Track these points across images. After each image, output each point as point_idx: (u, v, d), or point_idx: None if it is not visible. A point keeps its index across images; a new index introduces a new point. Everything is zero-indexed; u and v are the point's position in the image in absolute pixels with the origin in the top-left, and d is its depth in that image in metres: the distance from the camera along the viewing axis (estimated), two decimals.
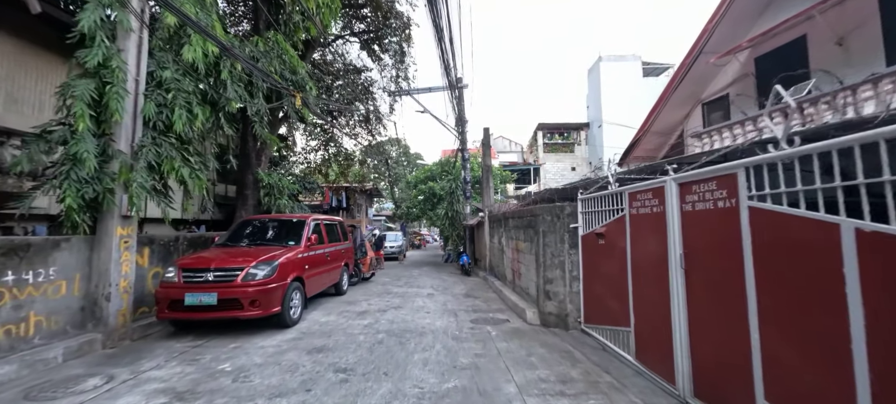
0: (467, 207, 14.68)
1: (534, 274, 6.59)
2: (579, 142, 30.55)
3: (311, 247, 6.92)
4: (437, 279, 12.20)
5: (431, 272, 14.48)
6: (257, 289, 5.36)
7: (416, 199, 18.66)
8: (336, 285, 8.65)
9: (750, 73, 8.03)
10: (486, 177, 11.58)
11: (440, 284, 10.90)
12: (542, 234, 6.05)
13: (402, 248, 21.16)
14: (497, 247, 10.18)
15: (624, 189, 4.45)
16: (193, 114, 6.11)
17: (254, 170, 9.09)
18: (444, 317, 6.66)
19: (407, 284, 10.97)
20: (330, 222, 8.65)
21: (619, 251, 4.56)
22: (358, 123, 16.06)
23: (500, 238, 9.59)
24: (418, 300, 8.34)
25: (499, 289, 8.88)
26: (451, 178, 15.66)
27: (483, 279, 11.61)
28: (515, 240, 7.94)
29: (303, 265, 6.48)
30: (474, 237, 14.76)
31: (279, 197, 9.42)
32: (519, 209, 7.69)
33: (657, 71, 28.60)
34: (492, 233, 10.98)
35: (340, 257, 8.76)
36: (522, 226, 7.37)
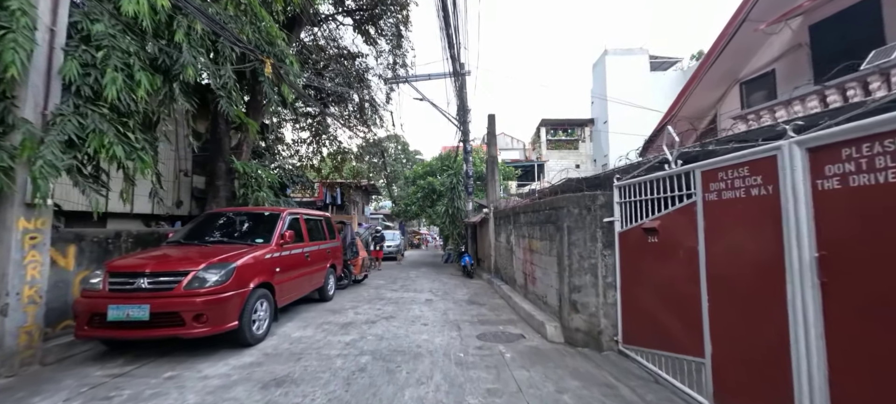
0: (469, 204, 13.44)
1: (554, 279, 5.36)
2: (584, 139, 29.35)
3: (286, 247, 5.68)
4: (436, 281, 10.96)
5: (430, 273, 13.24)
6: (206, 299, 4.11)
7: (415, 196, 17.41)
8: (320, 290, 7.42)
9: (802, 44, 6.80)
10: (491, 169, 10.35)
11: (440, 288, 9.67)
12: (567, 231, 4.82)
13: (400, 248, 19.91)
14: (504, 247, 8.95)
15: (694, 167, 3.22)
16: (135, 80, 4.87)
17: (227, 157, 7.84)
18: (445, 331, 5.43)
19: (403, 288, 9.73)
20: (312, 217, 7.41)
21: (684, 251, 3.32)
22: (352, 113, 14.84)
23: (508, 236, 8.37)
24: (415, 308, 7.10)
25: (507, 294, 7.64)
26: (452, 173, 14.42)
27: (487, 282, 10.37)
28: (528, 238, 6.71)
29: (272, 268, 5.25)
30: (477, 236, 13.53)
31: (257, 189, 8.18)
32: (533, 202, 6.47)
33: (665, 65, 27.38)
34: (498, 231, 9.75)
35: (325, 258, 7.52)
36: (538, 222, 6.14)
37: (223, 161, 7.79)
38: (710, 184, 3.03)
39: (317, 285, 7.16)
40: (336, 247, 8.34)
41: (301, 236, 6.53)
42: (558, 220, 5.15)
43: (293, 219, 6.35)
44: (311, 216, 7.35)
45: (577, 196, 4.83)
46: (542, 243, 5.93)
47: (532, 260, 6.50)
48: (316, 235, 7.35)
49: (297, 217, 6.56)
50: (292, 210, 6.53)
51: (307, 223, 6.92)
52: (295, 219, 6.44)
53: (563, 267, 4.88)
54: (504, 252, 8.92)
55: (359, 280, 10.41)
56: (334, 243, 8.27)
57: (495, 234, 9.95)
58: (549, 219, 5.58)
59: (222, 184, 7.78)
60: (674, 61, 27.34)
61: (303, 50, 12.08)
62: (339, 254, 8.54)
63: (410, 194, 18.08)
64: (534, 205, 6.39)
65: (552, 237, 5.46)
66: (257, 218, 5.95)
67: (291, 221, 6.23)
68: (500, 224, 9.35)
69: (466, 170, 13.28)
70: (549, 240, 5.64)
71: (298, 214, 6.67)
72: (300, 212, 6.80)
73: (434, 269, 14.74)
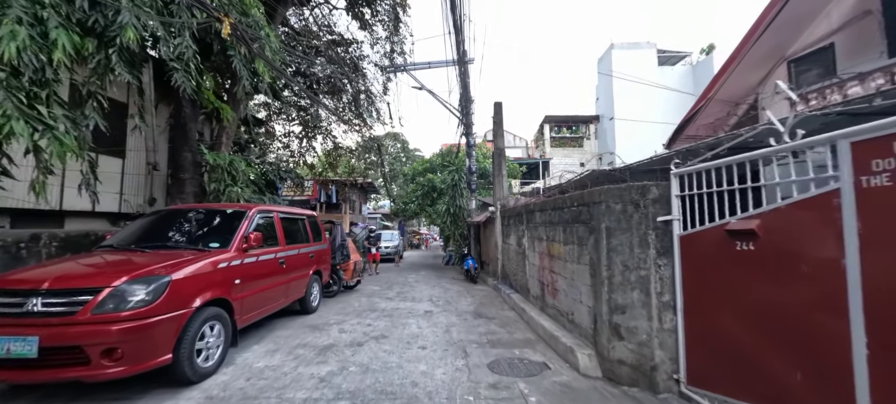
0: (473, 202, 12.30)
1: (585, 294, 4.22)
2: (588, 136, 28.23)
3: (251, 252, 4.55)
4: (436, 287, 9.83)
5: (430, 277, 12.11)
6: (123, 327, 2.97)
7: (414, 194, 16.27)
8: (301, 301, 6.29)
9: (871, 11, 5.67)
10: (498, 163, 9.23)
11: (441, 296, 8.54)
12: (605, 233, 3.68)
13: (398, 249, 18.77)
14: (514, 251, 7.81)
15: (837, 136, 2.08)
16: (50, 40, 3.75)
17: (194, 147, 6.70)
18: (448, 358, 4.29)
19: (399, 295, 8.59)
20: (292, 216, 6.27)
21: (812, 265, 2.19)
22: (347, 106, 13.70)
23: (519, 239, 7.23)
24: (411, 323, 5.96)
25: (518, 306, 6.51)
26: (454, 169, 13.28)
27: (493, 289, 9.23)
28: (547, 241, 5.57)
29: (230, 279, 4.11)
30: (480, 236, 12.39)
31: (231, 184, 7.06)
32: (553, 199, 5.33)
33: (674, 59, 26.26)
34: (506, 232, 8.61)
35: (307, 263, 6.39)
36: (561, 223, 5.00)
37: (190, 150, 6.65)
38: (873, 162, 1.90)
39: (296, 296, 6.02)
40: (322, 250, 7.20)
41: (275, 238, 5.40)
42: (591, 220, 4.01)
43: (264, 219, 5.21)
44: (289, 214, 6.22)
45: (618, 188, 3.69)
46: (566, 248, 4.79)
47: (552, 267, 5.36)
48: (296, 237, 6.22)
49: (270, 215, 5.42)
50: (263, 207, 5.38)
51: (284, 223, 5.78)
52: (267, 219, 5.30)
53: (600, 279, 3.74)
54: (514, 256, 7.78)
55: (350, 286, 9.28)
56: (320, 246, 7.13)
57: (503, 236, 8.82)
58: (578, 218, 4.44)
59: (189, 178, 6.64)
60: (682, 55, 26.22)
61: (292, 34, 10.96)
62: (325, 258, 7.41)
63: (409, 192, 16.94)
64: (554, 202, 5.26)
65: (582, 241, 4.32)
66: (217, 216, 4.80)
67: (261, 221, 5.09)
68: (509, 224, 8.22)
69: (469, 166, 12.14)
70: (576, 245, 4.50)
71: (272, 212, 5.53)
72: (275, 210, 5.66)
73: (434, 272, 13.60)
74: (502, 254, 8.91)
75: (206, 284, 3.73)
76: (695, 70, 25.44)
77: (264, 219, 5.22)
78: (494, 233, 9.54)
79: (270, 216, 5.43)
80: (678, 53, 25.99)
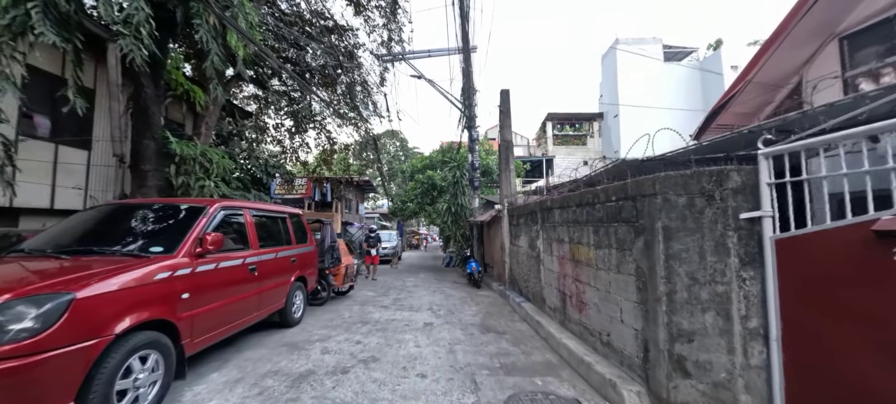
0: (476, 200, 11.38)
1: (630, 311, 3.30)
2: (592, 135, 27.34)
3: (208, 257, 3.62)
4: (437, 293, 8.90)
5: (430, 280, 11.18)
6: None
7: (413, 192, 15.34)
8: (281, 312, 5.36)
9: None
10: (505, 157, 8.31)
11: (442, 303, 7.61)
12: (663, 235, 2.77)
13: (396, 250, 17.82)
14: (525, 254, 6.89)
15: None
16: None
17: (157, 133, 5.76)
18: (455, 393, 3.36)
19: (396, 303, 7.66)
20: (268, 214, 5.34)
21: None
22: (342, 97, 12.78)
23: (532, 240, 6.31)
24: (408, 340, 5.03)
25: (532, 318, 5.59)
26: (455, 166, 12.36)
27: (500, 295, 8.32)
28: (571, 243, 4.64)
29: (175, 293, 3.18)
30: (484, 237, 11.47)
31: (204, 178, 6.13)
32: (580, 194, 4.39)
33: (680, 55, 25.40)
34: (515, 232, 7.69)
35: (288, 269, 5.46)
36: (591, 221, 4.08)
37: (152, 138, 5.71)
38: None
39: (274, 307, 5.09)
40: (307, 253, 6.27)
41: (245, 240, 4.47)
42: (638, 217, 3.10)
43: (231, 217, 4.28)
44: (266, 212, 5.28)
45: (682, 175, 2.77)
46: (600, 252, 3.87)
47: (577, 275, 4.44)
48: (275, 239, 5.29)
49: (238, 213, 4.48)
50: (229, 202, 4.44)
51: (258, 222, 4.85)
52: (234, 217, 4.37)
53: (656, 295, 2.82)
54: (525, 260, 6.86)
55: (342, 292, 8.35)
56: (305, 248, 6.20)
57: (511, 237, 7.90)
58: (617, 215, 3.52)
59: (151, 171, 5.70)
60: (689, 51, 25.37)
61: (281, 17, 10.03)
62: (312, 262, 6.48)
63: (408, 190, 16.00)
64: (581, 198, 4.32)
65: (623, 244, 3.40)
66: (167, 214, 3.86)
67: (227, 219, 4.16)
68: (518, 224, 7.30)
69: (472, 162, 11.22)
70: (614, 249, 3.58)
71: (242, 209, 4.59)
72: (246, 206, 4.72)
73: (434, 275, 12.68)
74: (510, 257, 7.99)
75: (136, 301, 2.80)
76: (702, 66, 24.59)
77: (230, 218, 4.29)
78: (500, 233, 8.62)
79: (239, 214, 4.50)
80: (685, 49, 25.16)
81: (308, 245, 6.40)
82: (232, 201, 4.68)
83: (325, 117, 13.81)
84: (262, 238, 4.90)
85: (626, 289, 3.33)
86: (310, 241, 6.51)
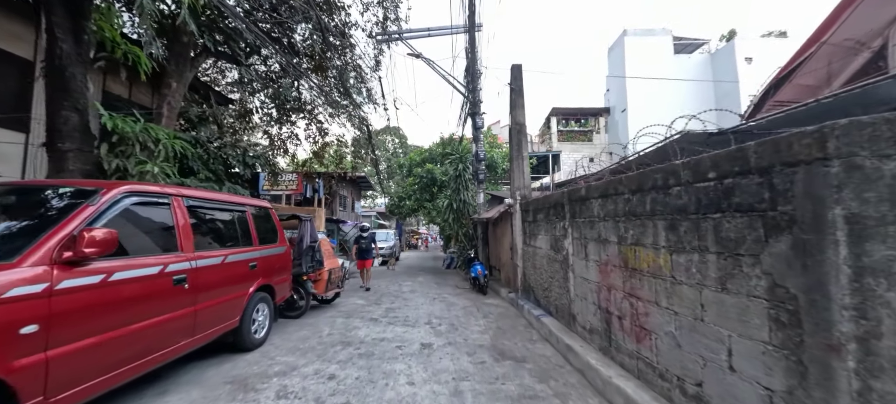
0: (480, 196, 10.09)
1: (753, 357, 1.99)
2: (598, 130, 26.09)
3: (87, 266, 2.34)
4: (437, 300, 7.61)
5: (429, 284, 9.90)
6: None
7: (411, 188, 14.04)
8: (236, 332, 4.08)
9: None
10: (517, 142, 7.00)
11: (443, 314, 6.32)
12: (846, 230, 1.48)
13: (393, 250, 16.52)
14: (545, 257, 5.61)
15: None
16: None
17: (80, 103, 4.43)
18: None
19: (388, 314, 6.37)
20: (214, 206, 4.03)
21: None
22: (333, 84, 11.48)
23: (557, 240, 5.03)
24: (399, 373, 3.73)
25: (559, 339, 4.32)
26: (457, 158, 11.05)
27: (511, 303, 7.04)
28: (625, 244, 3.33)
29: (10, 328, 1.90)
30: (489, 237, 10.18)
31: (141, 162, 4.85)
32: (639, 174, 3.07)
33: (691, 47, 24.13)
34: (530, 231, 6.41)
35: (244, 277, 4.17)
36: (664, 212, 2.75)
37: (75, 109, 4.38)
38: None
39: (220, 328, 3.80)
40: (276, 256, 4.98)
41: (172, 240, 3.19)
42: (780, 200, 1.81)
43: (139, 207, 2.98)
44: (210, 203, 3.98)
45: (886, 119, 1.49)
46: (683, 258, 2.56)
47: (634, 289, 3.14)
48: (224, 238, 4.02)
49: (158, 202, 3.18)
50: (140, 187, 3.11)
51: (196, 215, 3.57)
52: (148, 207, 3.07)
53: (831, 338, 1.53)
54: (544, 264, 5.58)
55: (327, 299, 7.06)
56: (272, 250, 4.91)
57: (526, 236, 6.61)
58: (725, 200, 2.22)
59: (73, 151, 4.36)
60: (700, 43, 24.11)
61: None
62: (282, 266, 5.18)
63: (407, 186, 14.70)
64: (642, 180, 3.01)
65: (738, 245, 2.11)
66: (32, 202, 2.58)
67: (131, 211, 2.87)
68: (535, 220, 6.00)
69: (476, 152, 9.93)
70: (715, 253, 2.29)
71: (166, 196, 3.29)
72: (172, 193, 3.40)
73: (434, 278, 11.39)
74: (524, 259, 6.70)
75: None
76: (714, 58, 23.32)
77: (144, 209, 3.01)
78: (511, 232, 7.35)
79: (162, 203, 3.21)
80: (695, 41, 23.90)
81: (278, 246, 5.12)
82: (151, 185, 3.38)
83: (315, 106, 12.52)
84: (203, 237, 3.62)
85: (743, 319, 2.04)
86: (280, 241, 5.22)
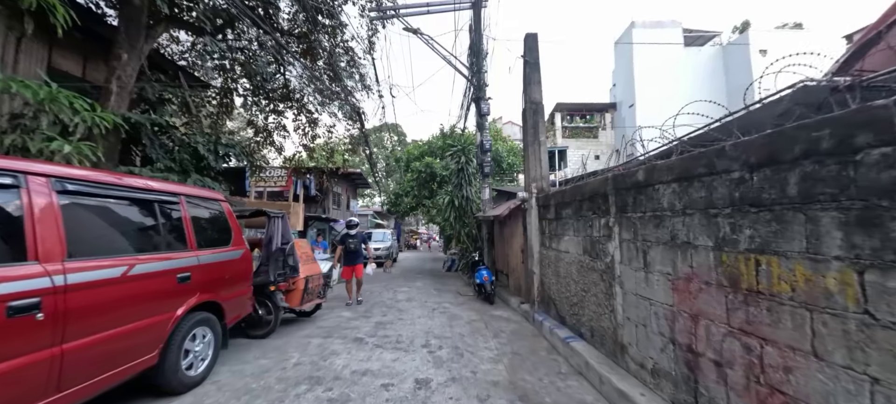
0: (486, 191, 8.88)
1: None
2: (603, 127, 24.96)
3: None
4: (437, 312, 6.40)
5: (428, 290, 8.69)
6: None
7: (409, 184, 12.82)
8: (157, 369, 2.87)
9: None
10: (533, 123, 5.77)
11: (444, 332, 5.10)
12: None
13: (390, 252, 15.28)
14: (573, 263, 4.40)
15: None
16: None
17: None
18: None
19: (377, 333, 5.15)
20: (121, 191, 2.81)
21: None
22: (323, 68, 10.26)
23: (595, 242, 3.83)
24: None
25: (604, 377, 3.11)
26: (459, 149, 9.84)
27: (524, 316, 5.83)
28: (738, 253, 2.13)
29: None
30: (496, 237, 8.97)
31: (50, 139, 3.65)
32: (770, 134, 1.92)
33: (701, 40, 22.93)
34: (551, 230, 5.20)
35: (166, 294, 2.94)
36: (854, 196, 1.57)
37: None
38: None
39: (125, 370, 2.58)
40: (227, 263, 3.76)
41: (19, 244, 1.98)
42: None
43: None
44: (108, 186, 2.75)
45: None
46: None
47: (758, 326, 1.93)
48: (140, 238, 2.80)
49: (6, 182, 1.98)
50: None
51: (80, 206, 2.36)
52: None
53: None
54: (572, 272, 4.36)
55: (306, 312, 5.85)
56: (223, 255, 3.70)
57: (545, 237, 5.40)
58: None
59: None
60: (711, 35, 22.91)
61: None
62: (237, 276, 3.96)
63: (405, 182, 13.47)
64: (778, 143, 1.82)
65: None
66: None
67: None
68: (560, 218, 4.79)
69: (481, 142, 8.71)
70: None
71: (16, 174, 2.08)
72: (26, 170, 2.17)
73: (434, 283, 10.17)
74: (542, 265, 5.49)
75: None
76: (726, 51, 22.14)
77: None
78: (523, 232, 6.14)
79: (8, 185, 2.00)
80: (707, 33, 22.72)
81: (231, 249, 3.90)
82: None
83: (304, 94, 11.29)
84: (90, 238, 2.41)
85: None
86: (235, 244, 4.00)
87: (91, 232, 2.48)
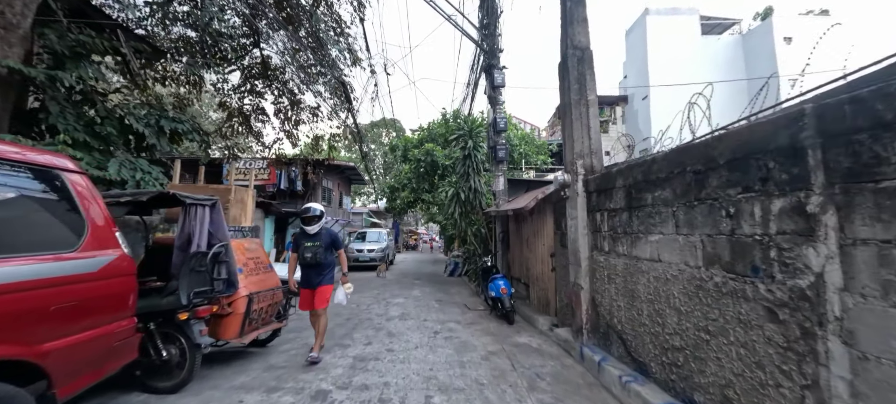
0: (501, 180, 7.11)
1: None
2: (614, 120, 23.28)
3: None
4: (440, 339, 4.63)
5: (428, 303, 6.92)
6: None
7: (407, 175, 11.05)
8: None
9: None
10: (578, 77, 3.96)
11: (452, 380, 3.32)
12: None
13: (385, 255, 13.49)
14: (669, 280, 2.64)
15: None
16: None
17: None
18: None
19: (352, 379, 3.37)
20: None
21: None
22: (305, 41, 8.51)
23: (748, 250, 2.09)
24: None
25: None
26: (465, 133, 8.07)
27: (564, 349, 4.05)
28: None
29: None
30: (511, 237, 7.19)
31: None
32: None
33: (720, 28, 21.22)
34: (614, 229, 3.43)
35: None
36: None
37: None
38: None
39: None
40: (67, 279, 2.00)
41: None
42: None
43: None
44: None
45: None
46: None
47: None
48: None
49: None
50: None
51: None
52: None
53: None
54: (671, 292, 2.60)
55: (263, 339, 4.07)
56: (48, 266, 1.94)
57: (600, 238, 3.63)
58: None
59: None
60: (730, 23, 21.22)
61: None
62: (96, 301, 2.19)
63: (402, 174, 11.69)
64: None
65: None
66: None
67: None
68: (640, 206, 3.02)
69: (494, 120, 6.95)
70: None
71: None
72: None
73: (434, 292, 8.39)
74: (595, 278, 3.73)
75: None
76: (746, 39, 20.45)
77: None
78: (557, 230, 4.39)
79: None
80: (725, 20, 21.06)
81: (80, 256, 2.14)
82: None
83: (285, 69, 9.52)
84: None
85: None
86: (93, 245, 2.23)
87: None
